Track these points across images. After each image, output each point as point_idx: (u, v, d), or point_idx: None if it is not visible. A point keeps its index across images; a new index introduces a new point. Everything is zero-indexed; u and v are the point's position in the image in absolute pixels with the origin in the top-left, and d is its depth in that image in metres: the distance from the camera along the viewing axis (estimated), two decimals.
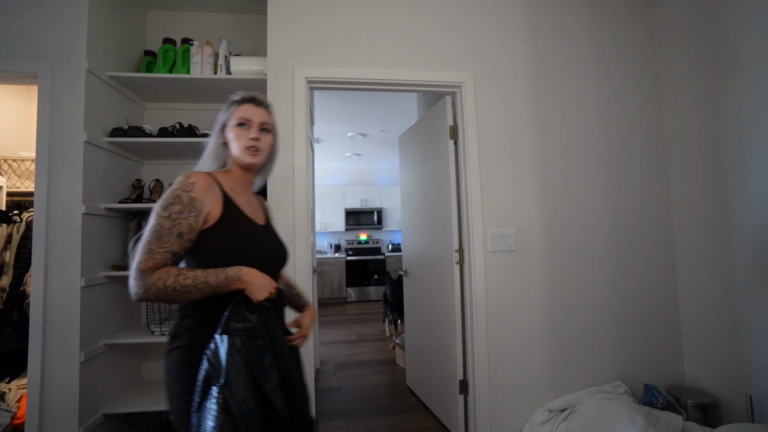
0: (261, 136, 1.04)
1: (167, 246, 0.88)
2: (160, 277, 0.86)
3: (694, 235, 2.03)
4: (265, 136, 1.06)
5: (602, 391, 1.95)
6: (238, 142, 1.02)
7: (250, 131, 1.03)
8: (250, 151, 1.02)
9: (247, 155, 1.02)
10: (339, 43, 1.95)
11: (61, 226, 1.65)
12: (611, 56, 2.18)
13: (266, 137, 1.06)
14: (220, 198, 0.98)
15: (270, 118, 1.08)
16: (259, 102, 1.08)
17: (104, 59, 1.85)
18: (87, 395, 1.66)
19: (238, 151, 1.02)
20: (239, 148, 1.02)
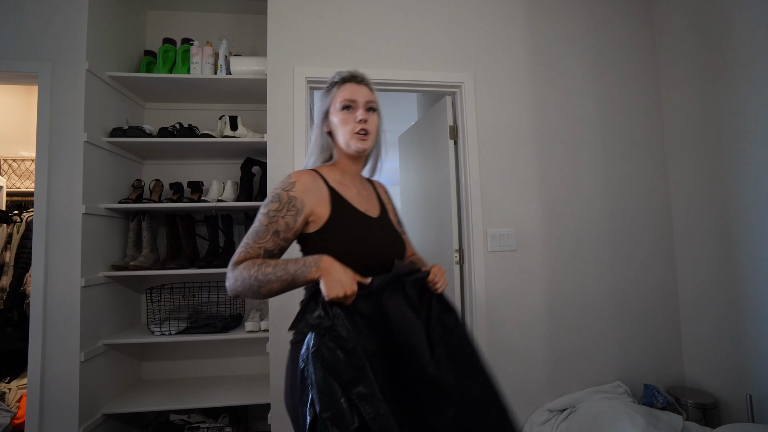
0: (368, 116, 0.95)
1: (262, 242, 0.86)
2: (246, 266, 0.83)
3: (695, 234, 2.03)
4: (371, 115, 0.97)
5: (602, 391, 1.95)
6: (345, 128, 0.94)
7: (357, 112, 0.94)
8: (359, 135, 0.94)
9: (357, 140, 0.94)
10: (339, 43, 1.95)
11: (61, 226, 1.64)
12: (610, 56, 2.18)
13: (373, 117, 0.97)
14: (327, 196, 0.92)
15: (374, 96, 0.98)
16: (360, 79, 0.98)
17: (104, 59, 1.85)
18: (87, 395, 1.66)
19: (345, 137, 0.94)
20: (347, 134, 0.94)
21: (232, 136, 1.98)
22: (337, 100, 0.96)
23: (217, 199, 1.95)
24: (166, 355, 2.13)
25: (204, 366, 2.15)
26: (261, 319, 1.91)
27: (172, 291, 2.01)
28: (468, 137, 2.00)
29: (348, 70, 0.99)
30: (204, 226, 2.14)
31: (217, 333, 1.85)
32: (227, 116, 2.02)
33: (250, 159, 2.09)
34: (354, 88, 0.96)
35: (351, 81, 0.97)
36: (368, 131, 0.95)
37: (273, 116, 1.86)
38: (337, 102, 0.96)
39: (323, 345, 0.76)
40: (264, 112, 1.90)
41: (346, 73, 0.98)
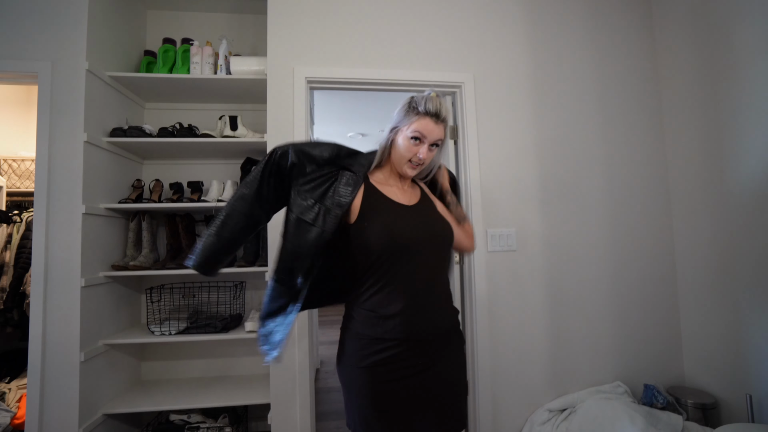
0: (428, 153, 1.03)
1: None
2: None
3: (694, 234, 2.03)
4: (431, 151, 1.04)
5: (602, 391, 1.95)
6: (405, 154, 1.02)
7: (420, 148, 1.01)
8: (411, 164, 1.03)
9: (408, 167, 1.04)
10: (339, 43, 1.95)
11: (61, 226, 1.64)
12: (611, 55, 2.18)
13: (432, 152, 1.05)
14: (361, 192, 1.04)
15: (443, 134, 1.04)
16: (440, 118, 1.02)
17: (104, 59, 1.85)
18: (87, 395, 1.66)
19: (401, 160, 1.03)
20: (403, 159, 1.03)
21: (232, 136, 1.98)
22: (411, 127, 1.01)
23: (217, 199, 1.95)
24: (166, 355, 2.13)
25: (204, 366, 2.15)
26: None
27: (172, 291, 2.01)
28: (468, 137, 2.00)
29: (436, 106, 1.01)
30: (204, 226, 2.14)
31: (217, 333, 1.85)
32: (227, 116, 2.02)
33: (250, 159, 2.09)
34: (431, 125, 1.00)
35: (431, 117, 1.00)
36: (422, 164, 1.04)
37: (273, 116, 1.86)
38: (410, 129, 1.01)
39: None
40: (264, 112, 1.90)
41: (431, 107, 1.00)
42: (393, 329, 0.96)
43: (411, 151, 1.01)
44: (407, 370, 0.96)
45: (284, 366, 1.78)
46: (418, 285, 0.98)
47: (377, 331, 0.97)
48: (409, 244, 0.98)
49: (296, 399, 1.77)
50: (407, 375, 0.96)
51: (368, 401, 0.96)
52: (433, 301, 1.01)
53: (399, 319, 0.96)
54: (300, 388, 1.78)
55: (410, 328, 0.96)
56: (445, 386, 1.01)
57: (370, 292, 0.99)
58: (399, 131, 1.04)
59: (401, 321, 0.96)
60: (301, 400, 1.78)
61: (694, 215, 2.03)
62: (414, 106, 1.02)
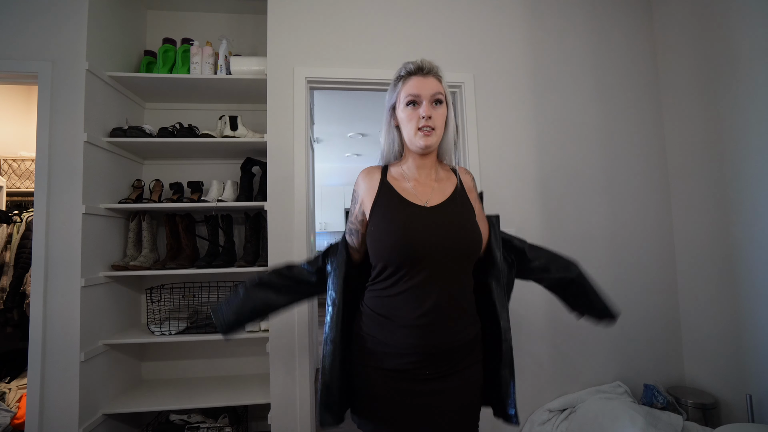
0: (433, 111, 0.91)
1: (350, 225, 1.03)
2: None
3: (695, 235, 2.03)
4: (437, 109, 0.92)
5: (602, 391, 1.95)
6: (409, 125, 0.92)
7: (420, 109, 0.91)
8: (422, 131, 0.90)
9: (420, 137, 0.90)
10: (339, 43, 1.95)
11: (61, 226, 1.64)
12: (611, 56, 2.18)
13: (439, 110, 0.92)
14: (376, 188, 0.96)
15: (441, 86, 0.93)
16: (427, 71, 0.93)
17: (104, 59, 1.85)
18: (87, 395, 1.66)
19: (410, 134, 0.92)
20: (411, 130, 0.91)
21: (232, 136, 1.98)
22: (402, 95, 0.93)
23: (217, 199, 1.95)
24: (166, 355, 2.13)
25: (204, 366, 2.14)
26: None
27: (172, 291, 2.01)
28: (468, 137, 2.00)
29: (414, 62, 0.94)
30: (204, 226, 2.14)
31: (217, 333, 1.84)
32: (227, 116, 2.02)
33: (250, 159, 2.09)
34: (419, 81, 0.92)
35: (416, 74, 0.93)
36: (432, 127, 0.90)
37: (273, 116, 1.86)
38: (402, 97, 0.93)
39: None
40: (264, 112, 1.90)
41: (411, 66, 0.94)
42: (401, 339, 0.89)
43: (413, 116, 0.91)
44: (412, 383, 0.89)
45: (284, 366, 1.78)
46: (431, 296, 0.87)
47: (386, 335, 0.91)
48: (420, 250, 0.87)
49: (296, 399, 1.77)
50: (412, 388, 0.89)
51: (368, 403, 0.93)
52: (448, 315, 0.89)
53: (408, 330, 0.88)
54: (300, 388, 1.78)
55: (419, 341, 0.87)
56: (453, 407, 0.92)
57: (382, 293, 0.92)
58: (396, 108, 0.96)
59: (410, 333, 0.88)
60: (301, 400, 1.78)
61: (694, 215, 2.03)
62: (397, 75, 0.97)
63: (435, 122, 0.91)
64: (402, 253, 0.87)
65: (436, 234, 0.89)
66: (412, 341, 0.88)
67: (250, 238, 2.05)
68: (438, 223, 0.90)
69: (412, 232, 0.88)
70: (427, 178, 0.98)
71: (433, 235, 0.89)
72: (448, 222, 0.91)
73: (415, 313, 0.87)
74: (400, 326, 0.89)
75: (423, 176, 0.98)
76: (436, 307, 0.87)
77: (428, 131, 0.90)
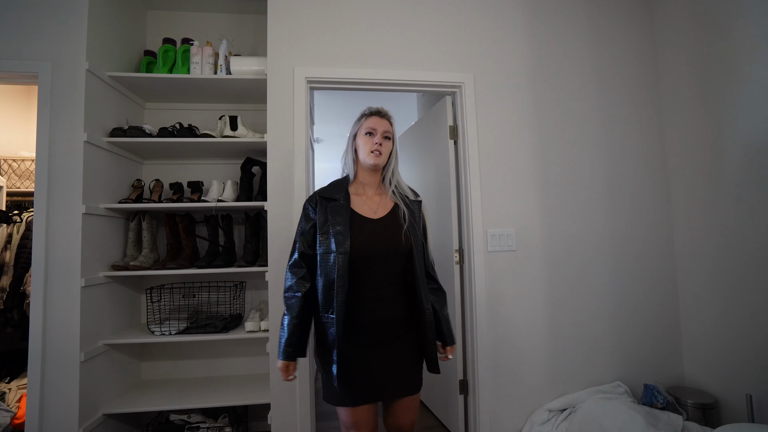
0: (383, 141, 1.28)
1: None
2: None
3: (694, 235, 2.03)
4: (386, 142, 1.29)
5: (602, 391, 1.95)
6: (365, 148, 1.28)
7: (375, 138, 1.27)
8: (373, 154, 1.27)
9: (371, 157, 1.27)
10: (339, 43, 1.95)
11: (61, 226, 1.64)
12: (610, 57, 2.18)
13: (387, 143, 1.30)
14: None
15: (391, 128, 1.31)
16: (383, 114, 1.32)
17: (104, 59, 1.85)
18: (87, 395, 1.66)
19: (364, 154, 1.28)
20: (365, 152, 1.28)
21: (232, 136, 1.98)
22: (363, 127, 1.30)
23: (217, 199, 1.95)
24: (166, 355, 2.13)
25: (204, 366, 2.15)
26: (261, 319, 1.91)
27: (172, 291, 2.01)
28: (468, 137, 2.00)
29: (376, 107, 1.33)
30: (204, 226, 2.14)
31: (217, 333, 1.85)
32: (227, 116, 2.02)
33: (250, 159, 2.09)
34: (377, 120, 1.29)
35: (376, 115, 1.31)
36: (381, 152, 1.27)
37: (273, 116, 1.86)
38: (363, 129, 1.30)
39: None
40: (264, 112, 1.90)
41: (374, 109, 1.32)
42: (364, 315, 1.22)
43: (369, 142, 1.27)
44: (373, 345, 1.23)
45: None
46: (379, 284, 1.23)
47: (352, 315, 1.20)
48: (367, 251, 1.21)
49: (296, 399, 1.77)
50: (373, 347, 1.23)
51: (344, 366, 1.18)
52: (391, 296, 1.25)
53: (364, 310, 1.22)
54: (300, 388, 1.78)
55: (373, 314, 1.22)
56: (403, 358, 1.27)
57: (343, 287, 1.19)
58: (357, 135, 1.32)
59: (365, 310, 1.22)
60: (301, 400, 1.78)
61: (693, 215, 2.03)
62: (361, 114, 1.34)
63: (383, 149, 1.28)
64: (357, 247, 1.22)
65: (380, 236, 1.25)
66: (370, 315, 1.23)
67: (250, 238, 2.05)
68: (381, 229, 1.27)
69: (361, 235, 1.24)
70: (372, 195, 1.33)
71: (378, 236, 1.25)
72: (391, 229, 1.27)
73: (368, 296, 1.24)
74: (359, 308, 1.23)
75: (370, 193, 1.33)
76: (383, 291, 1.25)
77: (378, 154, 1.27)
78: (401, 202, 1.31)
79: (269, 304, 1.79)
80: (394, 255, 1.25)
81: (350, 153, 1.33)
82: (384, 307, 1.23)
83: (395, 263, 1.26)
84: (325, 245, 1.21)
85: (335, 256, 1.17)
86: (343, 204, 1.25)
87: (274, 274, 1.79)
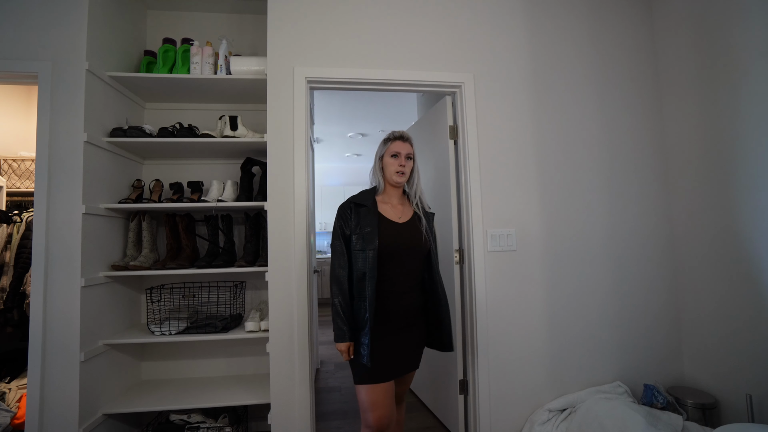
0: (406, 163, 1.51)
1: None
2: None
3: (695, 233, 2.03)
4: (408, 162, 1.53)
5: (602, 391, 1.95)
6: (390, 168, 1.52)
7: (400, 160, 1.51)
8: (398, 174, 1.51)
9: (396, 176, 1.51)
10: (339, 43, 1.95)
11: (61, 226, 1.65)
12: (609, 55, 2.18)
13: (409, 163, 1.53)
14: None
15: (412, 150, 1.54)
16: (405, 139, 1.54)
17: (104, 59, 1.85)
18: (87, 395, 1.66)
19: (390, 173, 1.52)
20: (391, 172, 1.51)
21: (232, 136, 1.98)
22: (389, 150, 1.53)
23: (217, 199, 1.95)
24: (166, 355, 2.13)
25: (204, 366, 2.15)
26: (261, 320, 1.91)
27: (172, 291, 2.01)
28: (468, 137, 2.00)
29: (399, 132, 1.55)
30: (204, 226, 2.14)
31: (217, 333, 1.85)
32: (227, 116, 2.02)
33: (250, 159, 2.09)
34: (400, 144, 1.52)
35: (399, 140, 1.53)
36: (404, 172, 1.52)
37: (273, 116, 1.86)
38: (389, 152, 1.53)
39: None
40: (264, 112, 1.91)
41: (397, 134, 1.54)
42: (389, 305, 1.44)
43: (394, 164, 1.51)
44: (397, 330, 1.46)
45: (284, 366, 1.78)
46: (401, 279, 1.46)
47: (380, 304, 1.42)
48: (395, 246, 1.44)
49: (296, 399, 1.78)
50: (397, 332, 1.46)
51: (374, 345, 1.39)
52: (410, 290, 1.49)
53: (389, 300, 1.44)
54: (300, 388, 1.78)
55: (399, 304, 1.45)
56: (415, 341, 1.52)
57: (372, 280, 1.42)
58: (383, 157, 1.54)
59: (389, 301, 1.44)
60: (301, 400, 1.78)
61: (694, 214, 2.03)
62: (387, 138, 1.55)
63: (406, 170, 1.53)
64: (386, 245, 1.45)
65: (405, 237, 1.49)
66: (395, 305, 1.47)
67: (250, 238, 2.05)
68: (406, 232, 1.50)
69: (390, 234, 1.47)
70: (397, 204, 1.56)
71: (404, 237, 1.49)
72: (413, 233, 1.51)
73: (395, 288, 1.47)
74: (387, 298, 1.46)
75: (395, 203, 1.56)
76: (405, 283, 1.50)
77: (401, 174, 1.52)
78: (421, 212, 1.56)
79: (269, 304, 1.79)
80: (415, 253, 1.48)
81: (378, 171, 1.56)
82: (405, 298, 1.46)
83: (416, 261, 1.49)
84: (359, 243, 1.42)
85: (366, 253, 1.39)
86: (371, 209, 1.47)
87: (274, 274, 1.79)
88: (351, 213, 1.49)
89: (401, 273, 1.46)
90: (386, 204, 1.54)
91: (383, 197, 1.56)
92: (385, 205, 1.54)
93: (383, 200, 1.55)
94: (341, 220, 1.50)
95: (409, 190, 1.59)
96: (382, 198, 1.56)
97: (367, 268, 1.39)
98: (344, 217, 1.50)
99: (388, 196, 1.56)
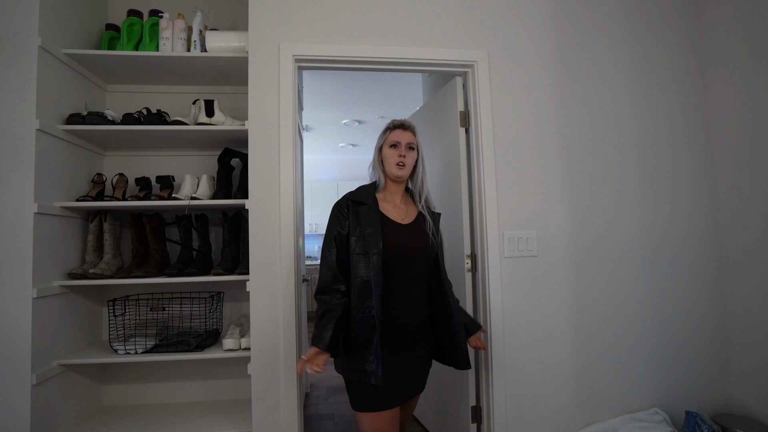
0: (407, 153, 1.51)
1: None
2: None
3: (745, 236, 2.03)
4: (410, 153, 1.52)
5: (637, 419, 1.95)
6: (390, 160, 1.51)
7: (400, 150, 1.50)
8: (398, 166, 1.50)
9: (396, 168, 1.50)
10: (332, 16, 1.95)
11: (8, 228, 1.64)
12: (647, 33, 2.18)
13: (411, 154, 1.53)
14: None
15: (414, 139, 1.54)
16: (406, 127, 1.54)
17: (60, 34, 1.85)
18: (39, 425, 1.65)
19: (390, 165, 1.51)
20: (391, 164, 1.51)
21: (207, 123, 1.98)
22: (388, 140, 1.53)
23: (190, 197, 1.95)
24: (132, 378, 2.12)
25: (175, 390, 2.14)
26: (241, 336, 1.91)
27: (138, 303, 2.01)
28: (481, 125, 2.00)
29: (399, 120, 1.56)
30: (175, 228, 2.14)
31: (191, 352, 1.85)
32: (202, 100, 2.02)
33: (228, 150, 2.09)
34: (400, 133, 1.52)
35: (399, 128, 1.53)
36: (405, 164, 1.51)
37: (255, 100, 1.86)
38: (388, 142, 1.53)
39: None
40: (245, 95, 1.90)
41: (397, 122, 1.55)
42: (394, 316, 1.42)
43: (393, 155, 1.51)
44: (401, 347, 1.44)
45: (268, 390, 1.77)
46: (407, 287, 1.46)
47: (384, 315, 1.39)
48: (399, 250, 1.44)
49: (282, 428, 1.77)
50: (401, 350, 1.44)
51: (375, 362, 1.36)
52: (416, 299, 1.49)
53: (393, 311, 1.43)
54: (286, 416, 1.77)
55: (402, 315, 1.44)
56: (422, 360, 1.52)
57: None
58: (382, 148, 1.55)
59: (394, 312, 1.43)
60: (288, 430, 1.77)
61: (744, 213, 2.03)
62: (386, 128, 1.56)
63: (407, 161, 1.52)
64: (389, 249, 1.44)
65: (409, 239, 1.49)
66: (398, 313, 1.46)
67: (229, 242, 2.05)
68: (410, 234, 1.51)
69: (393, 237, 1.47)
70: (398, 202, 1.57)
71: (407, 239, 1.49)
72: (418, 234, 1.52)
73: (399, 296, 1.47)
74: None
75: (396, 200, 1.57)
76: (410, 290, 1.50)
77: (402, 166, 1.51)
78: (426, 212, 1.56)
79: (251, 319, 1.78)
80: (422, 258, 1.49)
81: (378, 164, 1.56)
82: (411, 309, 1.46)
83: (422, 267, 1.50)
84: (359, 246, 1.41)
85: (369, 257, 1.38)
86: (372, 208, 1.46)
87: (257, 284, 1.78)
88: (348, 212, 1.47)
89: (407, 281, 1.45)
90: (388, 203, 1.55)
91: (384, 195, 1.56)
92: (387, 204, 1.54)
93: (384, 198, 1.55)
94: (337, 222, 1.48)
95: (413, 187, 1.60)
96: (383, 196, 1.56)
97: (372, 274, 1.37)
98: (341, 217, 1.48)
99: (390, 193, 1.57)
